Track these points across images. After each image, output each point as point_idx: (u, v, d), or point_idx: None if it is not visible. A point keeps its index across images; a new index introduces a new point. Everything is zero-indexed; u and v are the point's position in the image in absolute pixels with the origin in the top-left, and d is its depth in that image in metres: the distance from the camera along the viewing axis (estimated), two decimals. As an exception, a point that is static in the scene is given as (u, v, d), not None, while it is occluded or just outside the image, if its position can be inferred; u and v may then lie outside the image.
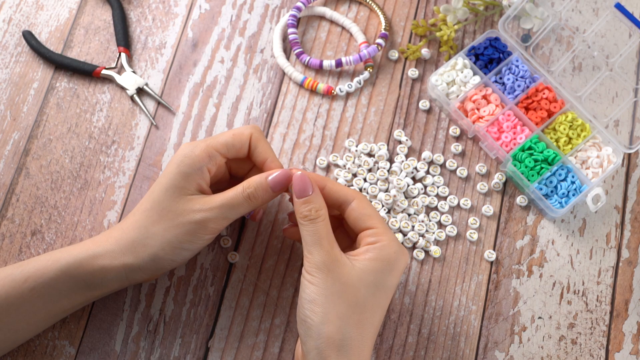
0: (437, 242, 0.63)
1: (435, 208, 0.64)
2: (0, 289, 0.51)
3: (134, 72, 0.68)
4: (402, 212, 0.63)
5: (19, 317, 0.52)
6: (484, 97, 0.66)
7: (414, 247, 0.63)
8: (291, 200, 0.54)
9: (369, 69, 0.69)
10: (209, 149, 0.53)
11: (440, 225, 0.64)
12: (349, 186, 0.64)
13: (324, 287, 0.49)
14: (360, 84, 0.68)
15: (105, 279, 0.53)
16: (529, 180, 0.63)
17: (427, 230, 0.63)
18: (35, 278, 0.52)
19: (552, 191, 0.63)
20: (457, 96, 0.66)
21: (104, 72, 0.68)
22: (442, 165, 0.66)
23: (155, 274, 0.56)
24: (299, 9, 0.70)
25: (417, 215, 0.63)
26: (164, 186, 0.53)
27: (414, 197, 0.64)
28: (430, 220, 0.64)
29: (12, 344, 0.54)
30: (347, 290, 0.49)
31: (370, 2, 0.71)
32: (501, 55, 0.67)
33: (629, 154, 0.67)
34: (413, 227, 0.63)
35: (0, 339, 0.53)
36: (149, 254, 0.52)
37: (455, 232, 0.63)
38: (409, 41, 0.70)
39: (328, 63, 0.68)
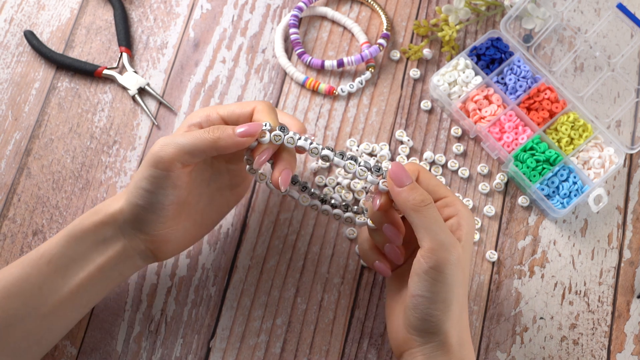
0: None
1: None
2: (21, 270, 0.52)
3: (135, 72, 0.68)
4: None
5: (43, 299, 0.52)
6: (486, 97, 0.66)
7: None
8: (375, 203, 0.52)
9: (370, 69, 0.69)
10: (180, 153, 0.50)
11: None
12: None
13: (454, 282, 0.49)
14: (361, 84, 0.68)
15: (105, 237, 0.53)
16: (530, 180, 0.62)
17: None
18: (49, 250, 0.52)
19: (553, 192, 0.63)
20: (459, 96, 0.66)
21: (105, 72, 0.68)
22: (444, 166, 0.66)
23: (146, 237, 0.53)
24: (300, 9, 0.70)
25: None
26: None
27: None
28: None
29: (46, 333, 0.53)
30: (464, 270, 0.50)
31: (372, 2, 0.71)
32: (503, 55, 0.67)
33: (631, 155, 0.67)
34: None
35: (31, 329, 0.52)
36: (125, 195, 0.52)
37: None
38: (411, 41, 0.70)
39: (330, 63, 0.68)
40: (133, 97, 0.68)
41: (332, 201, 0.56)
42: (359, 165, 0.52)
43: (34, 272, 0.52)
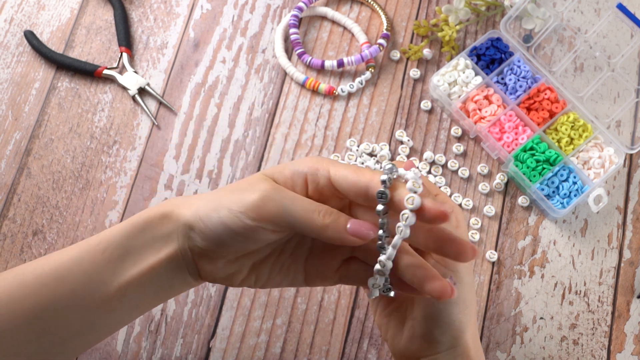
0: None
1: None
2: (76, 254, 0.48)
3: (135, 72, 0.68)
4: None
5: (91, 290, 0.48)
6: (486, 97, 0.66)
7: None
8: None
9: (370, 69, 0.69)
10: (279, 218, 0.44)
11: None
12: None
13: (470, 281, 0.47)
14: (362, 84, 0.68)
15: (164, 234, 0.48)
16: (530, 180, 0.62)
17: None
18: (108, 238, 0.48)
19: (553, 192, 0.63)
20: (459, 96, 0.66)
21: (105, 72, 0.68)
22: (444, 166, 0.66)
23: (206, 259, 0.48)
24: (300, 9, 0.70)
25: None
26: (264, 170, 0.47)
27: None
28: None
29: (88, 329, 0.50)
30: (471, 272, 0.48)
31: (372, 3, 0.71)
32: (503, 55, 0.67)
33: (631, 155, 0.67)
34: None
35: (74, 321, 0.49)
36: (202, 210, 0.46)
37: None
38: (411, 41, 0.70)
39: (330, 63, 0.68)
40: (133, 97, 0.68)
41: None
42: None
43: (86, 258, 0.48)
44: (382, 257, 0.41)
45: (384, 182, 0.41)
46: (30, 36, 0.69)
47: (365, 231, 0.43)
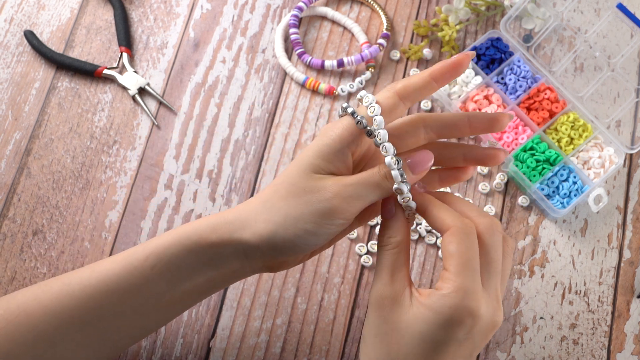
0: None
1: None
2: (123, 268, 0.48)
3: (135, 72, 0.68)
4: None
5: (142, 300, 0.48)
6: (486, 97, 0.66)
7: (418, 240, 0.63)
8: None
9: (370, 69, 0.69)
10: (352, 127, 0.45)
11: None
12: None
13: (373, 325, 0.44)
14: (362, 84, 0.68)
15: (223, 255, 0.47)
16: (530, 180, 0.62)
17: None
18: (156, 254, 0.47)
19: (553, 191, 0.63)
20: (459, 96, 0.66)
21: (105, 72, 0.68)
22: (444, 166, 0.66)
23: (274, 262, 0.49)
24: (300, 9, 0.70)
25: None
26: (298, 163, 0.46)
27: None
28: None
29: (139, 330, 0.50)
30: (393, 335, 0.43)
31: (372, 2, 0.71)
32: (503, 55, 0.67)
33: (631, 155, 0.67)
34: (419, 224, 0.63)
35: (124, 325, 0.49)
36: (268, 231, 0.45)
37: None
38: (411, 41, 0.70)
39: (330, 63, 0.68)
40: (133, 97, 0.68)
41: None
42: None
43: (136, 273, 0.47)
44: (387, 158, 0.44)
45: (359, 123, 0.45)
46: (30, 36, 0.69)
47: (426, 157, 0.45)
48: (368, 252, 0.63)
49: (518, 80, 0.66)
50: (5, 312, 0.47)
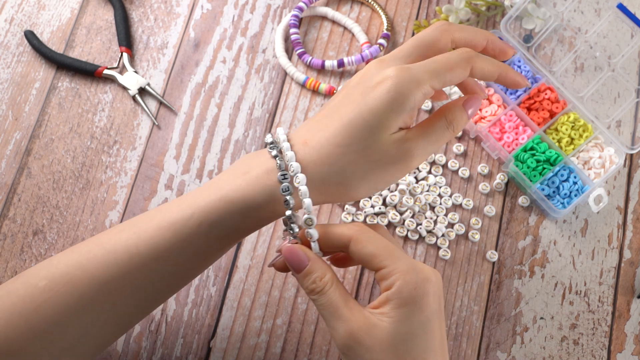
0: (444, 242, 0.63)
1: (436, 208, 0.64)
2: (172, 236, 0.46)
3: (135, 72, 0.68)
4: (406, 210, 0.63)
5: (194, 261, 0.48)
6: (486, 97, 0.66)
7: (417, 240, 0.63)
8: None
9: (370, 69, 0.69)
10: (426, 88, 0.45)
11: (449, 224, 0.64)
12: None
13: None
14: (362, 84, 0.68)
15: (275, 215, 0.47)
16: (531, 180, 0.62)
17: (435, 226, 0.63)
18: (200, 213, 0.46)
19: (554, 192, 0.63)
20: (459, 96, 0.66)
21: (105, 72, 0.68)
22: (444, 166, 0.66)
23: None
24: (300, 9, 0.70)
25: (423, 212, 0.63)
26: (369, 123, 0.44)
27: (418, 195, 0.64)
28: (437, 216, 0.63)
29: (178, 281, 0.49)
30: (385, 354, 0.43)
31: (372, 3, 0.71)
32: (503, 55, 0.67)
33: (631, 155, 0.67)
34: (419, 224, 0.63)
35: (171, 283, 0.48)
36: (343, 194, 0.46)
37: (463, 231, 0.63)
38: (411, 41, 0.70)
39: (330, 63, 0.68)
40: (133, 97, 0.68)
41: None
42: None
43: (187, 239, 0.46)
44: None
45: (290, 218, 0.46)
46: (30, 36, 0.69)
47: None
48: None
49: (518, 80, 0.66)
50: (50, 282, 0.46)
